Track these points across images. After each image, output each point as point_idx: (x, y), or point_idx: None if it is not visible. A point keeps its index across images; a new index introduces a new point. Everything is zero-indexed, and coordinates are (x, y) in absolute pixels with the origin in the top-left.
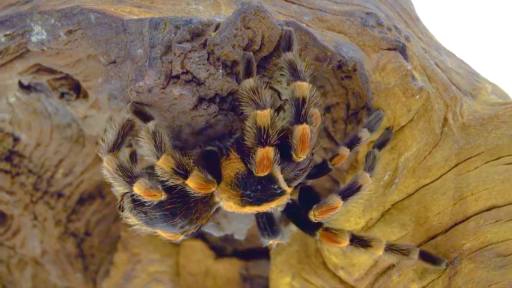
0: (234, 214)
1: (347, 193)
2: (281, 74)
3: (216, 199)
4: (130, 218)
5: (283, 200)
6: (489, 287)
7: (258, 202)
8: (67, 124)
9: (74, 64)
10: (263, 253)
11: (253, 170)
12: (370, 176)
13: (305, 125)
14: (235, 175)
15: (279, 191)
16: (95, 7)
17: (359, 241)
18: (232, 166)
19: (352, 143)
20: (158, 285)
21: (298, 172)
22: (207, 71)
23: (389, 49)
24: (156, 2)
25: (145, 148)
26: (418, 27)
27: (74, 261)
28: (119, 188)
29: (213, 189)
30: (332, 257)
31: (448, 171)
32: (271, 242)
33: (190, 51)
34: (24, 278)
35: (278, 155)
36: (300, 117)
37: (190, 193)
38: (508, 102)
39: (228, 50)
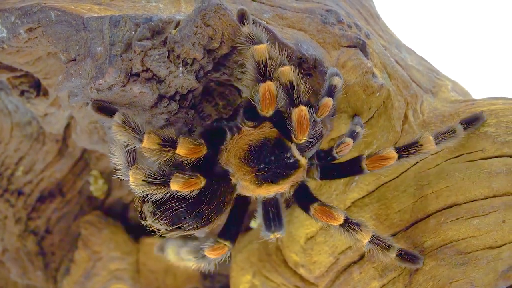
0: None
1: (406, 151)
2: (241, 72)
3: (233, 180)
4: (153, 225)
5: (299, 176)
6: (450, 284)
7: (275, 178)
8: (27, 121)
9: (34, 62)
10: None
11: (258, 109)
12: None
13: (300, 107)
14: (248, 148)
15: (292, 161)
16: (56, 4)
17: (353, 224)
18: (245, 139)
19: (353, 136)
20: (119, 283)
21: (311, 139)
22: (167, 68)
23: (349, 46)
24: (116, 0)
25: (124, 140)
26: (378, 24)
27: (35, 259)
28: (154, 196)
29: (204, 151)
30: (292, 255)
31: (409, 168)
32: (273, 236)
33: (150, 49)
34: None
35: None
36: (294, 101)
37: (184, 162)
38: (468, 99)
39: (188, 48)
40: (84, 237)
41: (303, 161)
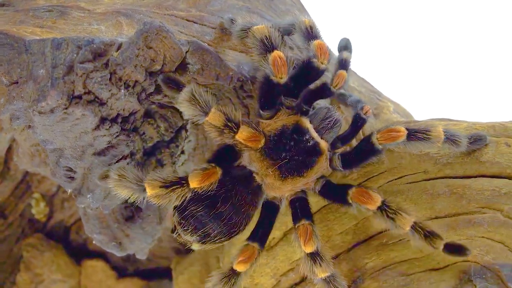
0: (136, 233)
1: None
2: None
3: (258, 178)
4: (185, 237)
5: (323, 165)
6: None
7: (298, 169)
8: None
9: None
10: (165, 273)
11: (271, 76)
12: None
13: (318, 40)
14: (267, 138)
15: (312, 143)
16: None
17: (389, 208)
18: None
19: (343, 65)
20: None
21: (327, 122)
22: (109, 91)
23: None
24: (58, 23)
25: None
26: None
27: None
28: (176, 201)
29: (263, 142)
30: None
31: None
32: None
33: (92, 71)
34: None
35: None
36: (311, 36)
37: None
38: (410, 120)
39: (130, 70)
40: (26, 260)
41: (323, 144)
